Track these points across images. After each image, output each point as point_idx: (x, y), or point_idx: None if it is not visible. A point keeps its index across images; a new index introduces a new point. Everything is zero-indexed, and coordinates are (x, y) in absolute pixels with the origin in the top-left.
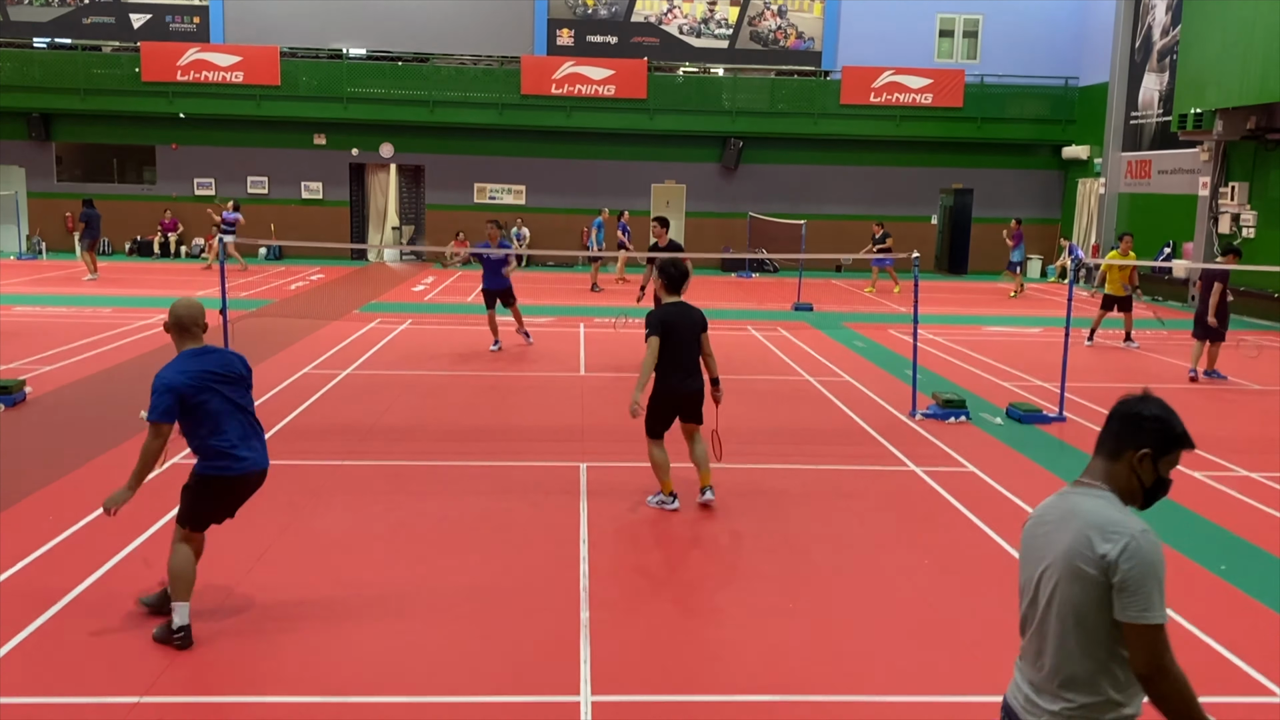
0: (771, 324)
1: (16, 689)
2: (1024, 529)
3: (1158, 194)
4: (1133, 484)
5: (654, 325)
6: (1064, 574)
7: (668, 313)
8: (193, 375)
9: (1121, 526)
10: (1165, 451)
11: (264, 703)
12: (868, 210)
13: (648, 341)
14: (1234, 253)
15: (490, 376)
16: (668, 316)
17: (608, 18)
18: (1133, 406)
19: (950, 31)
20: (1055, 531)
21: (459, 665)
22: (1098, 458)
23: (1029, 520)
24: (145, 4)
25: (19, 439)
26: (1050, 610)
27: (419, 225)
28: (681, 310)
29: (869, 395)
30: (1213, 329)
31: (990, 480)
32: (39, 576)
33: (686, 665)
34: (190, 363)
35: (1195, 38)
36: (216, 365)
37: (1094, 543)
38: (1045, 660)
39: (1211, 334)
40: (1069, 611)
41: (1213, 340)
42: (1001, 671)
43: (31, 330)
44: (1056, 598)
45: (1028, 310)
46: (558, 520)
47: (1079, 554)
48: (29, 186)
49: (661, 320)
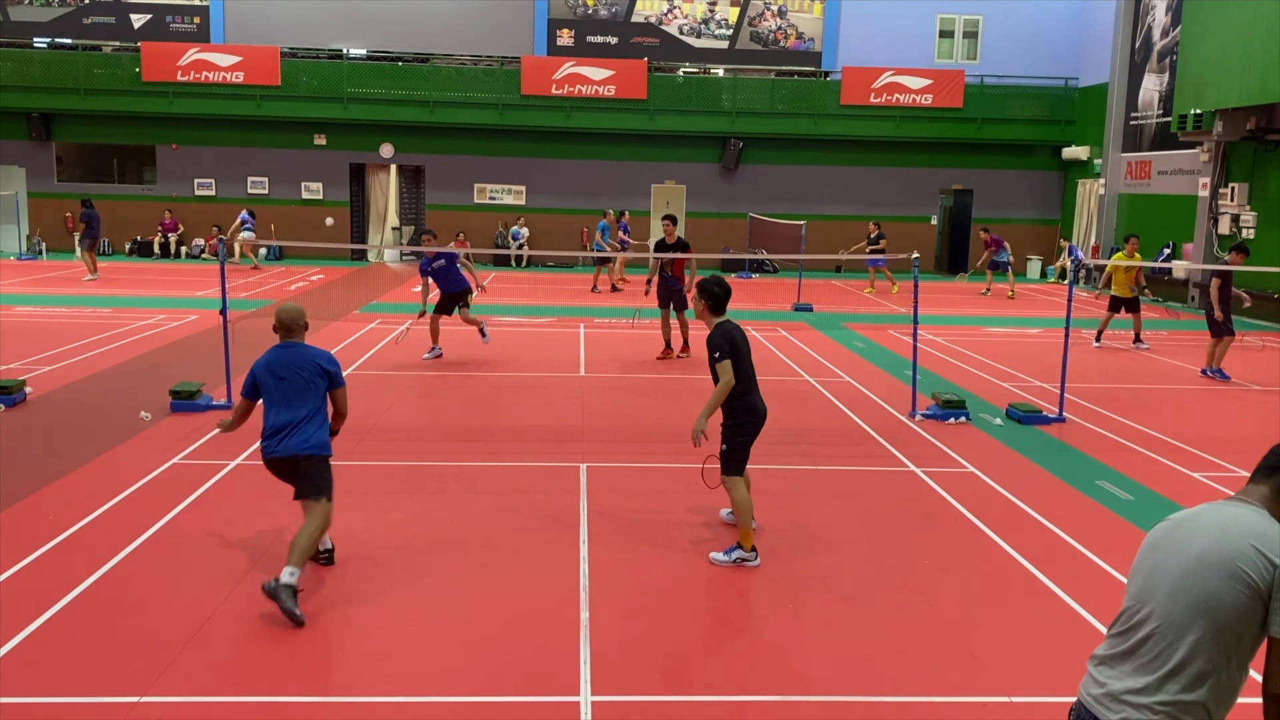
0: (771, 324)
1: (16, 689)
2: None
3: (1158, 195)
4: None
5: (724, 346)
6: (1219, 573)
7: (730, 330)
8: (267, 363)
9: None
10: None
11: (264, 703)
12: (868, 211)
13: (719, 365)
14: (1241, 250)
15: (490, 377)
16: (732, 334)
17: (608, 18)
18: None
19: (950, 32)
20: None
21: (459, 665)
22: (1260, 484)
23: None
24: (145, 4)
25: (19, 439)
26: (1181, 603)
27: (419, 225)
28: (736, 327)
29: (869, 396)
30: (1216, 323)
31: (990, 481)
32: (39, 576)
33: (686, 665)
34: (272, 353)
35: (1195, 38)
36: (291, 359)
37: (1265, 554)
38: (1150, 648)
39: (1213, 328)
40: (1208, 607)
41: (1214, 334)
42: (1001, 671)
43: (31, 330)
44: (1197, 591)
45: (1028, 311)
46: (558, 520)
47: (1243, 557)
48: (29, 186)
49: (729, 339)
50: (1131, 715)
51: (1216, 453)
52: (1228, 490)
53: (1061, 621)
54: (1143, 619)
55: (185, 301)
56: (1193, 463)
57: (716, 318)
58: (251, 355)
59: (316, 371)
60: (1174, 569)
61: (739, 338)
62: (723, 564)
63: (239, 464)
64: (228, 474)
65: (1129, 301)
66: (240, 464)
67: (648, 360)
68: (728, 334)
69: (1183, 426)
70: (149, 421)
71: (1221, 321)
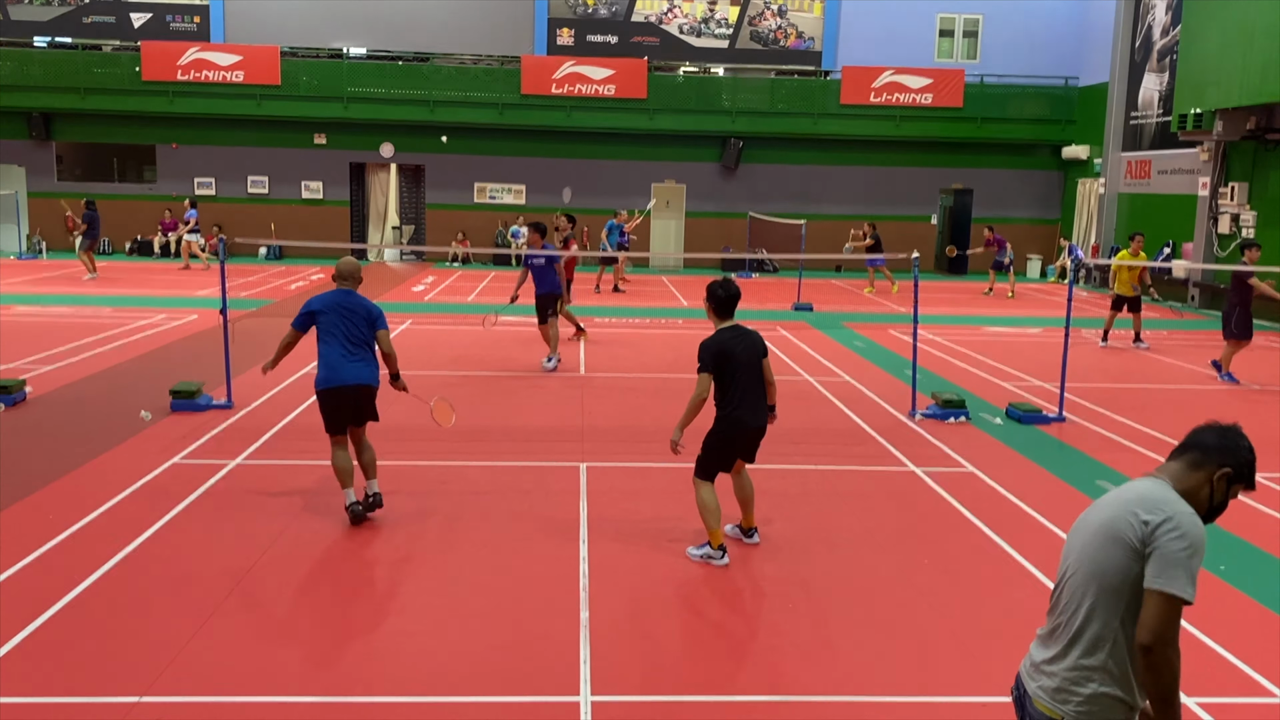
0: (771, 324)
1: (16, 689)
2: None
3: (1157, 194)
4: (1202, 495)
5: (707, 358)
6: (1102, 539)
7: (724, 340)
8: (326, 300)
9: (1170, 505)
10: (1240, 480)
11: (264, 703)
12: (868, 210)
13: (699, 375)
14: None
15: (490, 377)
16: (725, 345)
17: (608, 17)
18: (1233, 430)
19: (950, 31)
20: (1103, 507)
21: (459, 665)
22: (1175, 462)
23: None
24: (145, 3)
25: (19, 439)
26: (1078, 573)
27: (419, 225)
28: (739, 334)
29: (869, 395)
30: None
31: (990, 480)
32: (39, 576)
33: (686, 665)
34: (331, 294)
35: (1195, 38)
36: (345, 300)
37: (1138, 513)
38: (1059, 618)
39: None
40: (1095, 571)
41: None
42: (1001, 671)
43: (31, 330)
44: (1087, 560)
45: (1028, 310)
46: (558, 520)
47: (1122, 520)
48: (29, 186)
49: (718, 351)
50: (1045, 683)
51: None
52: None
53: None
54: (1059, 594)
55: (185, 301)
56: None
57: (720, 322)
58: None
59: (365, 315)
60: (1078, 544)
61: (737, 348)
62: (694, 559)
63: (239, 464)
64: (228, 474)
65: (1131, 300)
66: (240, 464)
67: (648, 360)
68: (718, 345)
69: (1183, 426)
70: (149, 421)
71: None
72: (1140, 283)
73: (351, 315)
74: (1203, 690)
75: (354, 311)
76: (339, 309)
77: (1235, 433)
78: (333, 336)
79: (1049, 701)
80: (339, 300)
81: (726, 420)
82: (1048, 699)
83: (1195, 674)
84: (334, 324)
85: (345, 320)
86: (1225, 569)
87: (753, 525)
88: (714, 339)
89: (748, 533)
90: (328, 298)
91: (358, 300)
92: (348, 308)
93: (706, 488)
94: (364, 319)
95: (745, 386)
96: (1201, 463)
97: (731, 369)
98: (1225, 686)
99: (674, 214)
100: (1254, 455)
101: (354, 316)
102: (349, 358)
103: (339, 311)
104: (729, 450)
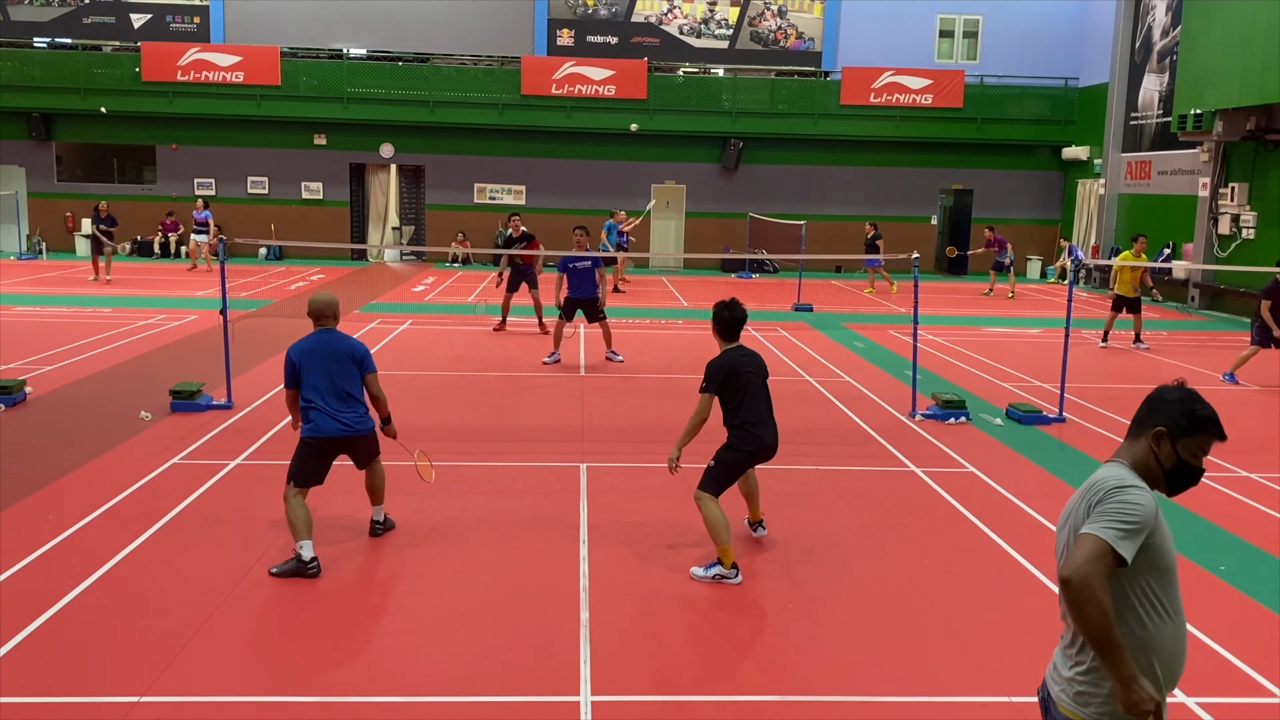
0: (771, 324)
1: (16, 689)
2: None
3: (1158, 195)
4: (1150, 463)
5: (716, 378)
6: (1068, 533)
7: (734, 359)
8: (305, 346)
9: (1112, 480)
10: (1185, 433)
11: (264, 702)
12: (868, 211)
13: (701, 395)
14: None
15: (490, 377)
16: (735, 363)
17: (608, 18)
18: (1160, 390)
19: (950, 32)
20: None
21: (459, 665)
22: (1125, 439)
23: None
24: (145, 4)
25: (19, 439)
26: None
27: (419, 225)
28: (745, 354)
29: (869, 396)
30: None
31: (990, 481)
32: (39, 576)
33: (686, 665)
34: (310, 338)
35: (1195, 38)
36: (327, 344)
37: (1085, 497)
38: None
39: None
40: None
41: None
42: (1001, 671)
43: (31, 330)
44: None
45: (1028, 310)
46: (558, 521)
47: (1078, 510)
48: (29, 186)
49: (729, 370)
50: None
51: (1216, 452)
52: (1227, 490)
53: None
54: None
55: (185, 301)
56: None
57: (725, 344)
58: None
59: (349, 357)
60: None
61: (746, 367)
62: (701, 579)
63: (239, 464)
64: (227, 474)
65: (1130, 301)
66: (240, 464)
67: (648, 360)
68: (726, 365)
69: None
70: (149, 421)
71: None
72: (1142, 284)
73: (336, 360)
74: (1203, 690)
75: (338, 356)
76: (322, 354)
77: (1164, 390)
78: (316, 389)
79: (1071, 705)
80: (321, 345)
81: (747, 437)
82: (1070, 703)
83: (1195, 674)
84: (318, 372)
85: (329, 366)
86: (1225, 569)
87: (759, 517)
88: (723, 358)
89: (755, 525)
90: (307, 344)
91: (340, 342)
92: (331, 352)
93: (711, 503)
94: (349, 361)
95: (761, 404)
96: (1138, 431)
97: (743, 386)
98: (1225, 686)
99: (674, 214)
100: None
101: (339, 361)
102: (339, 409)
103: (321, 357)
104: (743, 464)
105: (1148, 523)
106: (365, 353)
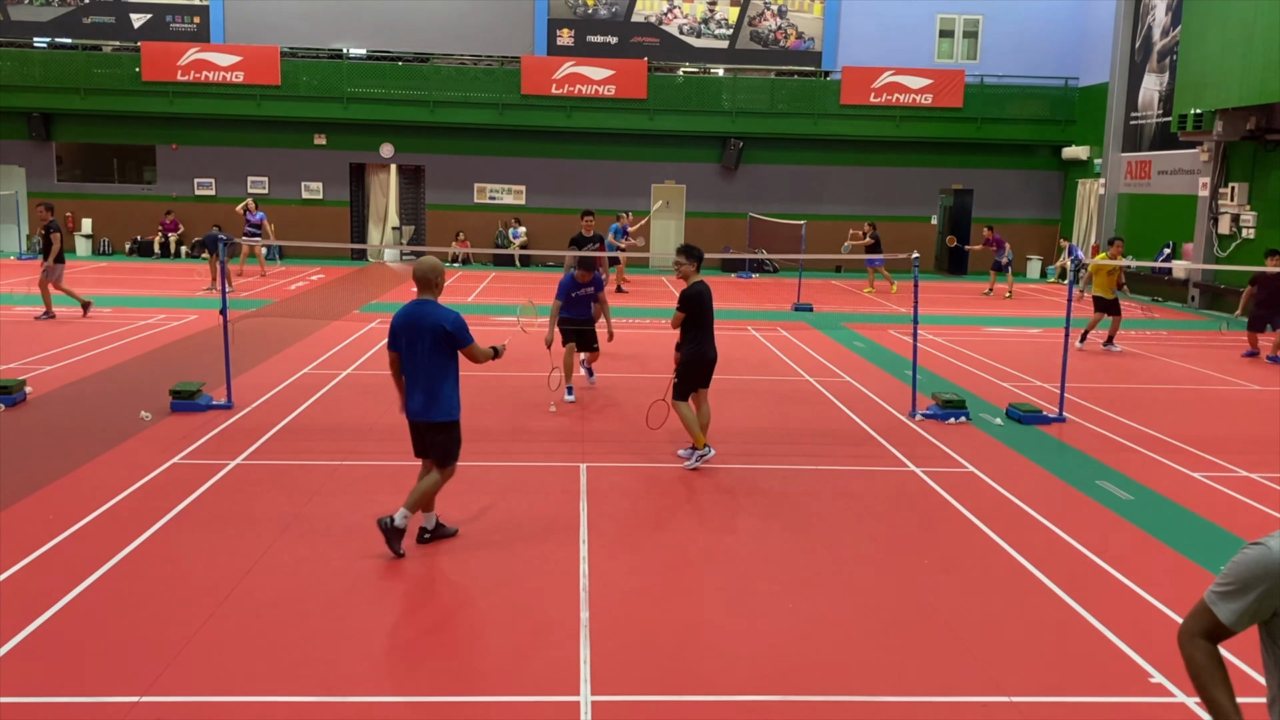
0: (771, 324)
1: (16, 689)
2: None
3: (1157, 194)
4: None
5: (690, 304)
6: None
7: (700, 291)
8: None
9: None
10: None
11: (264, 702)
12: (868, 210)
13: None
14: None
15: (490, 377)
16: (703, 294)
17: (608, 18)
18: None
19: (950, 32)
20: None
21: (459, 665)
22: None
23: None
24: (145, 4)
25: (19, 439)
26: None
27: (419, 225)
28: (706, 287)
29: (869, 395)
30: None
31: (990, 481)
32: (39, 576)
33: (686, 665)
34: (408, 307)
35: (1195, 38)
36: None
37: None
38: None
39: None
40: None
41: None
42: (1001, 671)
43: (31, 330)
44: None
45: (1028, 310)
46: (558, 520)
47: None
48: (29, 186)
49: (698, 298)
50: None
51: (1216, 453)
52: (1227, 490)
53: (1061, 621)
54: None
55: (185, 301)
56: (1192, 463)
57: (696, 275)
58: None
59: (434, 334)
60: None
61: (707, 296)
62: (689, 464)
63: (239, 464)
64: (228, 474)
65: (1109, 304)
66: (240, 464)
67: (648, 360)
68: (697, 294)
69: (1182, 427)
70: (149, 421)
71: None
72: (1118, 285)
73: (420, 336)
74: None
75: (422, 331)
76: (409, 329)
77: None
78: (408, 361)
79: None
80: (410, 317)
81: (695, 354)
82: None
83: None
84: (406, 346)
85: (415, 341)
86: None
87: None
88: (694, 289)
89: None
90: (403, 313)
91: (430, 314)
92: (417, 326)
93: (685, 406)
94: (433, 338)
95: (710, 326)
96: None
97: (704, 311)
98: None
99: (674, 214)
100: None
101: (422, 337)
102: (416, 388)
103: (408, 332)
104: (697, 377)
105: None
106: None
